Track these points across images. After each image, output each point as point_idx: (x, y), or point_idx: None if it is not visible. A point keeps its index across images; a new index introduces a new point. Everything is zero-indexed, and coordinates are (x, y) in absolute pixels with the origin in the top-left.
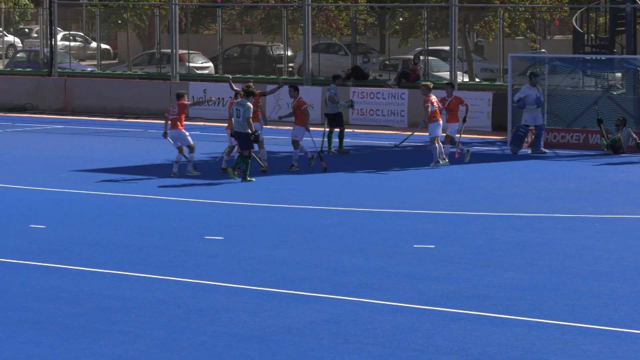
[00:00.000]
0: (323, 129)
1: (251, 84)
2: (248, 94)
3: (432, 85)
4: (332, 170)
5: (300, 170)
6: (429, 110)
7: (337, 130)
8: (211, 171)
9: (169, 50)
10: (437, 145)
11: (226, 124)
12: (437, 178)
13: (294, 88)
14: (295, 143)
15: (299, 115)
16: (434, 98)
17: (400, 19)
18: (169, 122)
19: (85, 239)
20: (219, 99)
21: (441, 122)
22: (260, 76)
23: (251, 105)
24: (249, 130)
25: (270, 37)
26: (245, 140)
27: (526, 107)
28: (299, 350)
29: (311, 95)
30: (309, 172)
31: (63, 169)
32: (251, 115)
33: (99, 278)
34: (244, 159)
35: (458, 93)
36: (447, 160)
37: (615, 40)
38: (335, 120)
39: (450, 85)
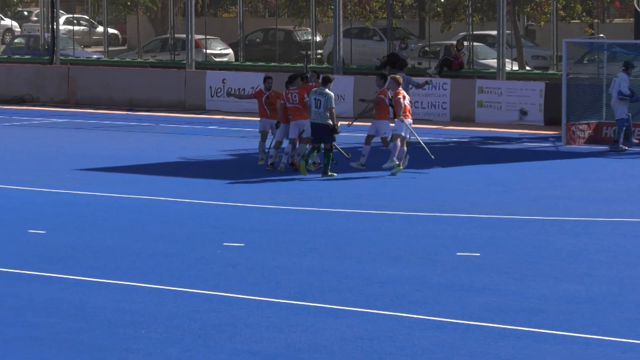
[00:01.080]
0: (349, 123)
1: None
2: (326, 80)
3: (401, 80)
4: (364, 168)
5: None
6: (401, 104)
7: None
8: (230, 170)
9: (184, 36)
10: (398, 144)
11: (257, 117)
12: (480, 178)
13: (380, 76)
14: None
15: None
16: (404, 92)
17: (442, 0)
18: (290, 111)
19: (90, 246)
20: (239, 89)
21: (410, 120)
22: (285, 64)
23: (332, 94)
24: (330, 122)
25: (297, 20)
26: (325, 132)
27: (619, 99)
28: None
29: (342, 85)
30: (339, 171)
31: (66, 167)
32: (334, 105)
33: (105, 289)
34: (326, 153)
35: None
36: (400, 166)
37: None
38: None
39: (382, 76)
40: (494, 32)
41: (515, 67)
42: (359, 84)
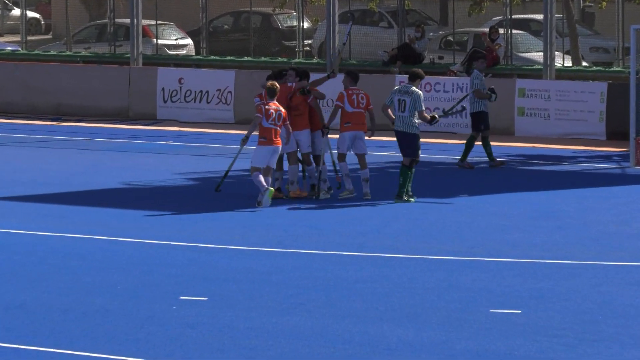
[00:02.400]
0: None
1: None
2: (414, 76)
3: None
4: (371, 197)
5: (326, 200)
6: (344, 110)
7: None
8: (189, 200)
9: (128, 21)
10: (346, 164)
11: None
12: (522, 210)
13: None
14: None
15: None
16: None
17: None
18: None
19: (3, 301)
20: (201, 92)
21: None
22: (262, 59)
23: (421, 93)
24: (415, 130)
25: (278, 1)
26: (411, 142)
27: None
28: None
29: (338, 87)
30: (337, 201)
31: None
32: (423, 108)
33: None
34: (403, 170)
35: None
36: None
37: None
38: (477, 120)
39: (294, 70)
40: (540, 16)
41: (568, 63)
42: (361, 84)
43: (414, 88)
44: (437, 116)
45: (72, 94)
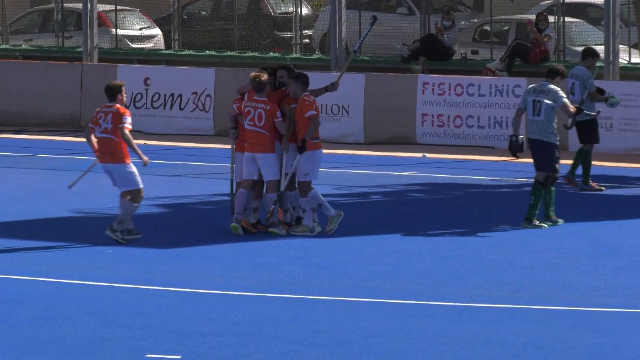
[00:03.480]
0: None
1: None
2: (554, 73)
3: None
4: (379, 227)
5: (330, 233)
6: (317, 121)
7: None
8: (159, 231)
9: (80, 6)
10: (317, 193)
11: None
12: (580, 245)
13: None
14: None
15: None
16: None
17: None
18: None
19: None
20: (172, 96)
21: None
22: (249, 54)
23: (560, 91)
24: (556, 139)
25: None
26: (547, 153)
27: None
28: None
29: (346, 88)
30: (345, 234)
31: None
32: (566, 101)
33: None
34: (536, 187)
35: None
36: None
37: None
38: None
39: (287, 69)
40: (600, 0)
41: (636, 59)
42: (375, 86)
43: (551, 86)
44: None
45: (9, 97)
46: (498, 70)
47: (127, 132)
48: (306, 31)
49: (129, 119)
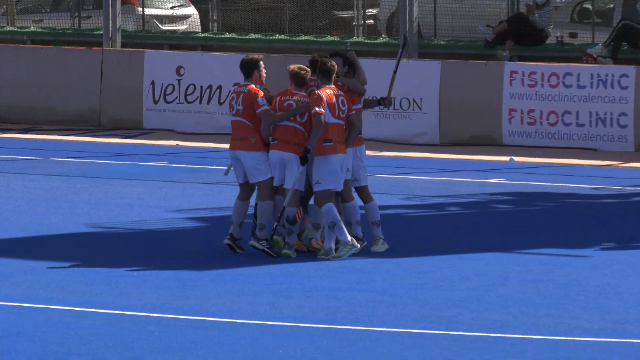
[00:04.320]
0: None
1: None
2: None
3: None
4: (457, 245)
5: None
6: (321, 121)
7: None
8: (194, 249)
9: None
10: (332, 208)
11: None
12: None
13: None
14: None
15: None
16: (330, 93)
17: None
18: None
19: None
20: (210, 88)
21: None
22: (303, 37)
23: None
24: None
25: None
26: None
27: None
28: None
29: (419, 78)
30: (412, 252)
31: None
32: None
33: None
34: None
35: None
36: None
37: None
38: None
39: (342, 56)
40: None
41: None
42: (452, 75)
43: None
44: None
45: (16, 90)
46: (601, 57)
47: (270, 113)
48: (370, 10)
49: (263, 101)
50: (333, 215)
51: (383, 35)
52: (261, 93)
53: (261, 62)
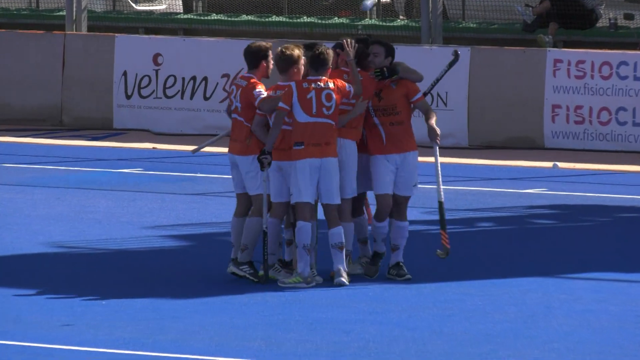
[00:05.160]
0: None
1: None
2: None
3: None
4: (490, 268)
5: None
6: (278, 119)
7: None
8: (176, 273)
9: None
10: (306, 227)
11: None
12: None
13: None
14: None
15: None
16: (307, 87)
17: None
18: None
19: None
20: (193, 80)
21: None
22: (305, 19)
23: None
24: None
25: None
26: None
27: None
28: None
29: (438, 66)
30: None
31: None
32: None
33: None
34: None
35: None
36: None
37: None
38: None
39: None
40: None
41: None
42: (485, 65)
43: None
44: None
45: None
46: None
47: (267, 98)
48: None
49: (259, 91)
50: (302, 236)
51: (401, 17)
52: (260, 85)
53: (270, 52)
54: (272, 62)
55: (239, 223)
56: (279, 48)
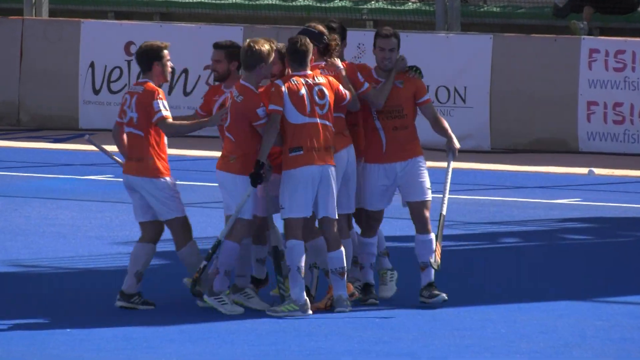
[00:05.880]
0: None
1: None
2: None
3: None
4: (515, 291)
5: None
6: (273, 123)
7: None
8: (152, 296)
9: None
10: (298, 247)
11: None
12: None
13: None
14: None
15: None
16: (297, 83)
17: None
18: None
19: None
20: (172, 72)
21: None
22: (300, 2)
23: None
24: None
25: None
26: None
27: None
28: None
29: (465, 57)
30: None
31: None
32: None
33: None
34: None
35: None
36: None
37: None
38: None
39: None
40: None
41: None
42: (509, 56)
43: None
44: None
45: None
46: None
47: (169, 122)
48: None
49: (161, 104)
50: (295, 257)
51: (412, 0)
52: (159, 94)
53: (166, 51)
54: (169, 64)
55: (147, 250)
56: (247, 41)
